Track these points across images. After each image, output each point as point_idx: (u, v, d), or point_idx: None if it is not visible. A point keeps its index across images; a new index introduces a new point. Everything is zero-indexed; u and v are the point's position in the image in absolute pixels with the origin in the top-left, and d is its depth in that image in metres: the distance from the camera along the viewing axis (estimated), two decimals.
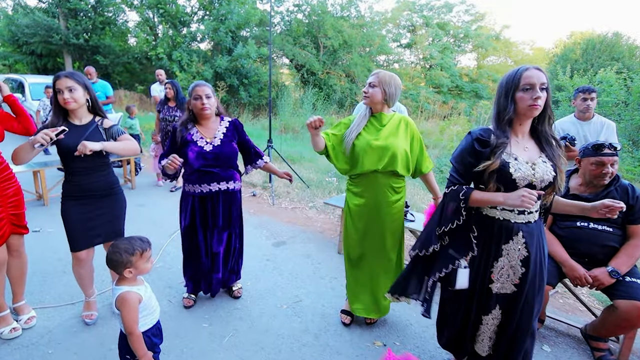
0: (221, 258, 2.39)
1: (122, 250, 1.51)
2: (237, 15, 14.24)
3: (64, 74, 1.90)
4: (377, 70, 2.06)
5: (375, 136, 2.02)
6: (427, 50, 21.27)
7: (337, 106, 15.76)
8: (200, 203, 2.26)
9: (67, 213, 2.03)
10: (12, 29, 15.19)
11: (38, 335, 2.10)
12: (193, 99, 2.19)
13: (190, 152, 2.16)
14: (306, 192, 4.99)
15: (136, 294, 1.54)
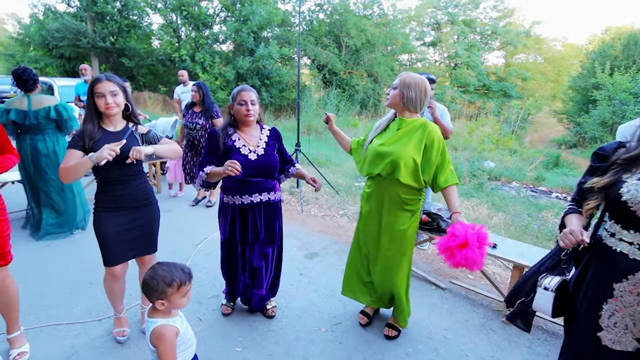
0: (264, 273, 2.24)
1: (159, 277, 1.34)
2: (259, 15, 14.22)
3: (105, 76, 1.77)
4: (405, 72, 1.95)
5: (384, 141, 1.95)
6: (452, 49, 20.67)
7: (360, 107, 15.48)
8: (241, 215, 2.12)
9: (101, 225, 1.88)
10: (43, 33, 15.76)
11: (65, 355, 1.98)
12: (237, 104, 2.04)
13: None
14: (336, 199, 4.77)
15: (173, 327, 1.37)
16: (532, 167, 8.71)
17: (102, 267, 2.85)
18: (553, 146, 13.88)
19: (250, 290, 2.26)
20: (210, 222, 3.95)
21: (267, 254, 2.21)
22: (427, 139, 1.87)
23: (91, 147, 1.77)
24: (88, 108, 1.81)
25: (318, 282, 2.83)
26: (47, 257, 3.05)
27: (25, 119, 3.05)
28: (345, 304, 2.56)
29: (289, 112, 15.21)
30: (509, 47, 22.10)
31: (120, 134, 1.85)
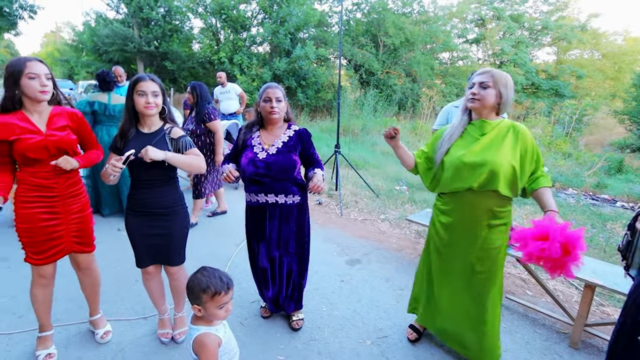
0: (269, 275, 2.19)
1: (196, 281, 1.31)
2: (296, 17, 14.35)
3: (148, 76, 1.77)
4: (487, 68, 1.73)
5: (467, 149, 1.72)
6: (498, 45, 19.71)
7: (398, 107, 15.14)
8: (251, 213, 2.13)
9: (130, 227, 1.92)
10: (94, 39, 16.95)
11: (112, 352, 2.02)
12: (263, 101, 2.02)
13: (243, 157, 2.03)
14: (376, 203, 4.63)
15: (215, 336, 1.33)
16: (590, 173, 8.03)
17: None
18: (613, 149, 12.78)
19: (261, 288, 2.29)
20: None
21: (274, 257, 2.14)
22: (522, 142, 1.68)
23: (122, 147, 1.78)
24: (126, 108, 1.81)
25: (361, 291, 2.72)
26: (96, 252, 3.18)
27: (106, 110, 3.70)
28: (391, 316, 2.44)
29: (325, 113, 15.20)
30: (561, 42, 20.72)
31: (152, 136, 1.82)
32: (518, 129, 1.70)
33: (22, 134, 1.64)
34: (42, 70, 1.64)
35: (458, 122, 1.81)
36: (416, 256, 3.33)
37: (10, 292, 2.55)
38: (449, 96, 16.89)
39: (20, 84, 1.61)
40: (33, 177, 1.71)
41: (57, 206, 1.79)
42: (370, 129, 10.88)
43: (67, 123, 1.79)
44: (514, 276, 3.05)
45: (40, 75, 1.62)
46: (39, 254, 1.79)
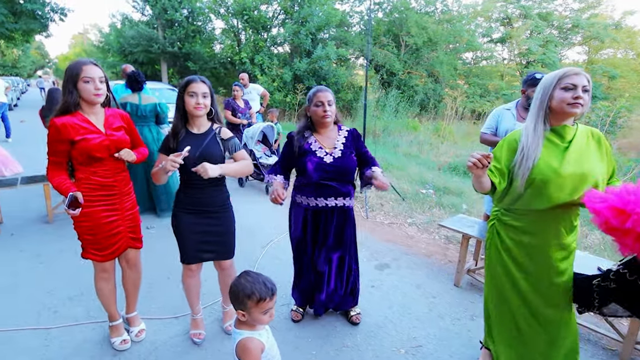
0: (326, 278, 2.21)
1: (241, 287, 1.30)
2: (317, 17, 14.36)
3: (199, 78, 1.82)
4: (577, 68, 1.50)
5: (559, 159, 1.50)
6: (525, 45, 19.12)
7: (420, 108, 14.91)
8: (313, 217, 2.12)
9: (180, 225, 1.95)
10: (120, 40, 17.48)
11: (146, 351, 2.04)
12: (314, 105, 2.02)
13: (309, 163, 2.02)
14: (402, 206, 4.55)
15: (258, 341, 1.32)
16: (627, 178, 7.65)
17: (180, 264, 3.00)
18: None
19: (313, 293, 2.27)
20: (277, 222, 3.96)
21: (331, 259, 2.18)
22: (605, 147, 1.57)
23: (175, 148, 1.82)
24: (177, 109, 1.85)
25: (392, 298, 2.66)
26: None
27: (137, 110, 3.75)
28: (425, 325, 2.37)
29: (344, 114, 15.13)
30: (593, 41, 19.92)
31: (203, 136, 1.87)
32: (598, 134, 1.58)
33: (86, 134, 1.71)
34: (97, 74, 1.69)
35: (540, 131, 1.52)
36: (446, 262, 3.23)
37: (47, 287, 2.62)
38: (473, 97, 16.51)
39: (77, 87, 1.68)
40: (94, 176, 1.78)
41: (116, 203, 1.87)
42: (392, 130, 10.74)
43: (121, 124, 1.88)
44: None
45: (94, 78, 1.68)
46: (103, 251, 1.87)
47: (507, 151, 1.59)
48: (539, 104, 1.54)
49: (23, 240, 3.35)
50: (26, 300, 2.46)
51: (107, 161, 1.80)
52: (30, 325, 2.21)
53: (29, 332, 2.17)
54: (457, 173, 6.79)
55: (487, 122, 3.01)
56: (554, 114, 1.52)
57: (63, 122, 1.68)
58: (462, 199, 4.77)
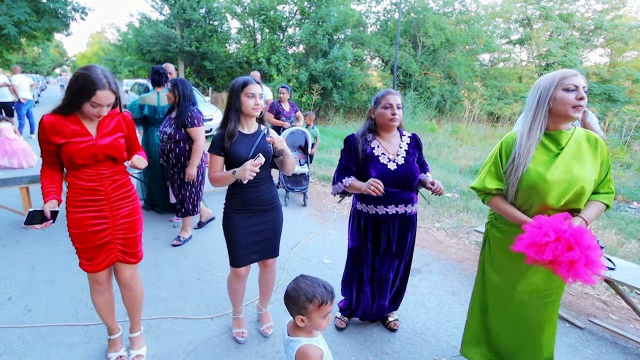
0: (389, 286, 2.16)
1: (301, 291, 1.27)
2: (334, 17, 14.33)
3: (256, 80, 1.82)
4: (573, 70, 1.47)
5: (549, 165, 1.47)
6: (545, 47, 18.75)
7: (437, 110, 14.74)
8: (374, 225, 2.03)
9: (233, 227, 1.92)
10: (138, 39, 17.76)
11: (184, 351, 2.03)
12: (382, 107, 1.95)
13: (372, 170, 1.93)
14: (428, 210, 4.48)
15: (318, 349, 1.29)
16: None
17: (208, 264, 3.01)
18: None
19: (375, 301, 2.19)
20: (303, 224, 3.95)
21: (393, 266, 2.11)
22: (601, 153, 1.51)
23: (229, 148, 1.80)
24: (232, 109, 1.83)
25: (428, 304, 2.60)
26: (155, 249, 3.26)
27: (155, 113, 3.56)
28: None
29: (359, 114, 15.07)
30: (616, 43, 19.41)
31: (254, 136, 1.87)
32: (595, 139, 1.52)
33: (72, 137, 1.58)
34: (107, 101, 1.56)
35: (534, 136, 1.49)
36: None
37: (80, 283, 2.64)
38: (490, 99, 16.26)
39: (82, 105, 1.56)
40: (79, 180, 1.64)
41: (105, 210, 1.70)
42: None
43: (117, 125, 1.74)
44: (592, 297, 2.82)
45: (103, 106, 1.56)
46: (90, 260, 1.72)
47: (505, 155, 1.58)
48: (536, 106, 1.49)
49: (56, 235, 3.40)
50: (63, 296, 2.48)
51: (92, 166, 1.65)
52: (69, 322, 2.23)
53: (68, 328, 2.18)
54: None
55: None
56: (553, 117, 1.48)
57: (51, 122, 1.57)
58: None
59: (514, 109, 14.61)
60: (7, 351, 1.98)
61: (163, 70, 3.60)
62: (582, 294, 2.85)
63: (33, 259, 2.97)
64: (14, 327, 2.17)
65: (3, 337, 2.08)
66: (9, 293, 2.50)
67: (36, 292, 2.53)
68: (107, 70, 1.61)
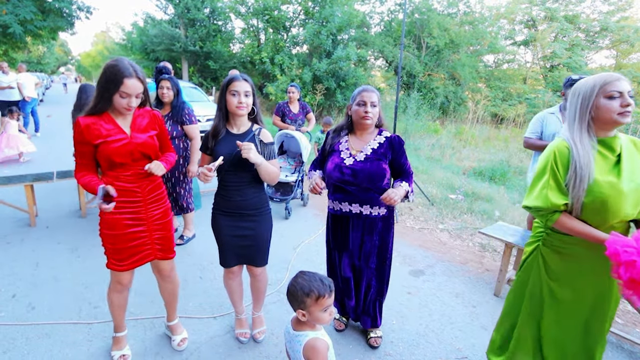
0: (353, 285, 2.12)
1: (299, 285, 1.30)
2: (338, 17, 14.33)
3: (243, 76, 1.76)
4: (617, 74, 1.38)
5: (616, 174, 1.37)
6: (549, 48, 18.66)
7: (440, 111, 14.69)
8: (333, 222, 2.08)
9: (217, 227, 1.92)
10: (143, 39, 17.82)
11: (188, 351, 2.03)
12: (356, 104, 1.92)
13: (329, 163, 1.97)
14: (432, 211, 4.46)
15: (324, 341, 1.32)
16: None
17: (210, 263, 3.01)
18: None
19: (343, 299, 2.20)
20: (306, 224, 3.94)
21: (355, 266, 2.08)
22: None
23: (213, 147, 1.79)
24: (218, 107, 1.81)
25: (431, 306, 2.59)
26: None
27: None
28: (467, 335, 2.29)
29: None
30: (622, 45, 19.30)
31: (242, 136, 1.81)
32: (636, 141, 1.47)
33: (108, 136, 1.61)
34: (135, 91, 1.57)
35: (588, 145, 1.38)
36: (483, 271, 3.14)
37: (84, 280, 2.65)
38: (494, 100, 16.21)
39: (113, 98, 1.57)
40: (116, 181, 1.66)
41: (141, 212, 1.75)
42: (413, 133, 10.61)
43: (149, 123, 1.76)
44: None
45: (132, 95, 1.57)
46: (121, 261, 1.75)
47: (562, 166, 1.41)
48: (579, 115, 1.40)
49: (59, 233, 3.41)
50: (66, 294, 2.49)
51: (129, 165, 1.68)
52: (73, 319, 2.24)
53: (71, 326, 2.19)
54: (483, 178, 6.65)
55: (531, 127, 2.95)
56: (599, 125, 1.39)
57: (87, 124, 1.59)
58: (493, 205, 4.66)
59: (518, 111, 14.54)
60: (10, 349, 1.99)
61: (166, 69, 3.59)
62: None
63: (37, 256, 2.98)
64: (18, 324, 2.18)
65: (7, 334, 2.09)
66: (13, 290, 2.51)
67: (40, 289, 2.54)
68: (134, 62, 1.63)
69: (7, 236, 3.32)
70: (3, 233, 3.38)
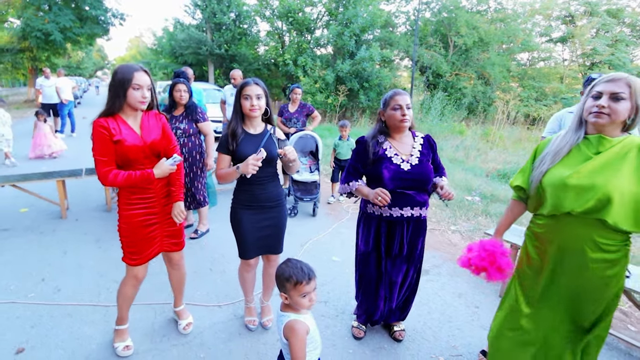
0: (397, 289, 2.15)
1: (281, 271, 1.42)
2: (362, 18, 14.41)
3: (253, 80, 1.92)
4: (621, 74, 1.40)
5: (574, 169, 1.44)
6: (589, 45, 17.77)
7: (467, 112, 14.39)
8: (388, 228, 2.02)
9: (239, 221, 2.05)
10: (172, 43, 18.71)
11: (192, 335, 2.21)
12: (391, 109, 1.93)
13: (385, 171, 1.91)
14: (445, 212, 4.46)
15: (304, 324, 1.42)
16: None
17: (221, 257, 3.20)
18: None
19: (387, 303, 2.18)
20: (316, 222, 4.07)
21: (403, 269, 2.10)
22: None
23: (235, 149, 1.94)
24: (235, 110, 1.97)
25: (431, 304, 2.64)
26: None
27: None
28: (465, 334, 2.33)
29: None
30: None
31: (260, 136, 1.98)
32: None
33: (123, 135, 1.75)
34: (146, 82, 1.75)
35: (569, 138, 1.50)
36: None
37: (104, 268, 2.91)
38: (527, 100, 15.66)
39: (127, 92, 1.73)
40: None
41: (155, 207, 1.91)
42: (436, 134, 10.48)
43: (156, 125, 1.91)
44: None
45: (143, 86, 1.74)
46: (135, 254, 1.90)
47: (538, 155, 1.61)
48: (577, 111, 1.54)
49: (86, 225, 3.74)
50: (88, 279, 2.75)
51: (142, 163, 1.82)
52: (92, 302, 2.49)
53: (91, 307, 2.43)
54: (506, 181, 6.50)
55: (549, 126, 2.90)
56: (588, 123, 1.49)
57: (103, 123, 1.72)
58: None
59: (553, 111, 13.97)
60: (38, 324, 2.25)
61: (184, 73, 3.77)
62: None
63: (65, 245, 3.30)
64: (45, 304, 2.45)
65: (36, 311, 2.36)
66: (43, 274, 2.81)
67: (66, 274, 2.82)
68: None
69: (41, 226, 3.68)
70: (37, 224, 3.75)
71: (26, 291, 2.58)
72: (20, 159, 6.34)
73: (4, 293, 2.55)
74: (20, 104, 16.66)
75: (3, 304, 2.42)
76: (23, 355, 2.01)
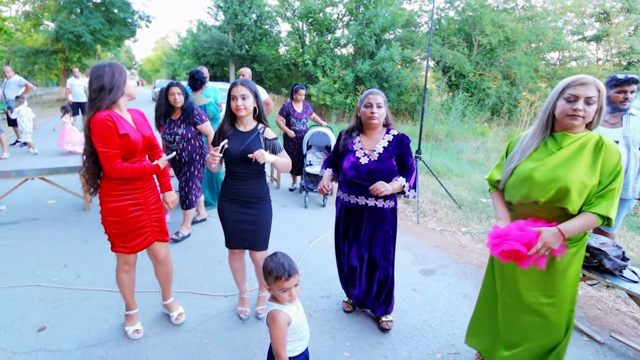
0: (357, 274, 2.33)
1: (266, 263, 1.50)
2: (382, 18, 14.39)
3: (240, 82, 2.06)
4: (588, 77, 1.53)
5: (540, 163, 1.61)
6: (626, 43, 17.00)
7: (491, 113, 14.09)
8: (346, 213, 2.28)
9: (222, 212, 2.22)
10: (195, 44, 19.29)
11: (197, 322, 2.35)
12: (364, 106, 2.16)
13: (346, 162, 2.18)
14: (457, 214, 4.45)
15: (285, 314, 1.49)
16: None
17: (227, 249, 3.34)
18: None
19: (347, 286, 2.41)
20: (325, 220, 4.16)
21: (363, 257, 2.27)
22: (604, 158, 1.53)
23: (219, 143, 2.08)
24: (226, 109, 2.14)
25: (434, 303, 2.67)
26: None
27: None
28: (465, 333, 2.35)
29: (406, 117, 14.91)
30: None
31: (248, 134, 2.11)
32: (603, 143, 1.54)
33: (126, 129, 1.86)
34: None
35: (534, 137, 1.66)
36: None
37: None
38: None
39: (127, 83, 1.88)
40: None
41: (140, 198, 2.01)
42: (456, 136, 10.35)
43: (145, 121, 2.06)
44: (624, 314, 2.68)
45: (134, 78, 1.97)
46: (128, 243, 2.01)
47: (510, 150, 1.78)
48: (543, 111, 1.65)
49: None
50: (106, 267, 2.94)
51: (135, 156, 1.95)
52: (109, 288, 2.67)
53: (108, 293, 2.62)
54: None
55: None
56: (557, 122, 1.62)
57: (107, 117, 1.78)
58: None
59: None
60: (59, 306, 2.45)
61: (199, 74, 3.84)
62: (612, 310, 2.72)
63: (87, 235, 3.53)
64: (67, 288, 2.65)
65: (57, 295, 2.57)
66: (66, 261, 3.03)
67: (86, 262, 3.03)
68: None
69: (66, 217, 3.95)
70: (63, 215, 4.02)
71: (50, 276, 2.80)
72: (49, 154, 6.77)
73: (31, 277, 2.78)
74: (53, 102, 17.64)
75: (29, 287, 2.65)
76: (45, 332, 2.20)
